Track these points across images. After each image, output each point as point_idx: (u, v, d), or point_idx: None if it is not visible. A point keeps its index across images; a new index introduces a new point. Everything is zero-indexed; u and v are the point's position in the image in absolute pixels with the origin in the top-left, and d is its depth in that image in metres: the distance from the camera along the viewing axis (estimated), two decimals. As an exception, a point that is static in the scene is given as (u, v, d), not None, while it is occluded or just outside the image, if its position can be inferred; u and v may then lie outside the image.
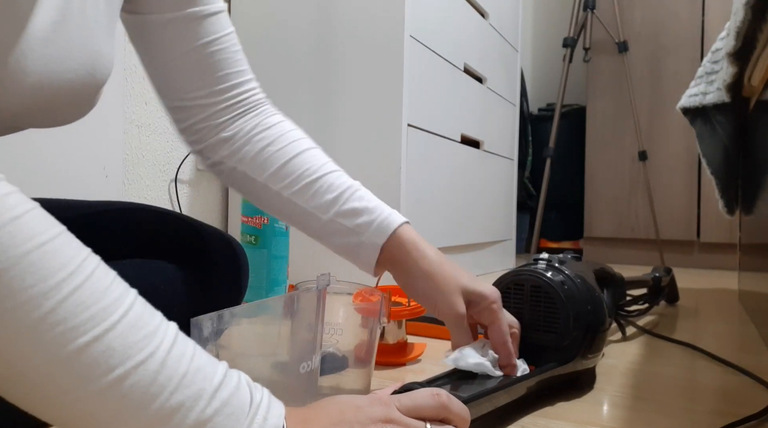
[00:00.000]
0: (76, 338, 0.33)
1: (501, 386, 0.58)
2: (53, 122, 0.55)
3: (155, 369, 0.34)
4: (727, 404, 0.69)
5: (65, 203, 0.69)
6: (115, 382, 0.33)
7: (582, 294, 0.67)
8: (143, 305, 0.37)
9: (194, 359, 0.37)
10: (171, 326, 0.37)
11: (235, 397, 0.37)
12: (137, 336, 0.34)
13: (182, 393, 0.35)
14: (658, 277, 1.26)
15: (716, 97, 1.38)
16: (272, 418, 0.38)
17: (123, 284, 0.36)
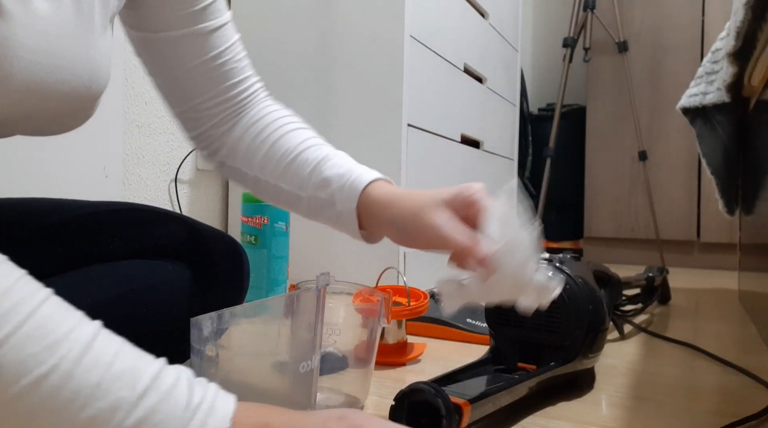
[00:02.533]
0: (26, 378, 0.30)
1: (503, 386, 0.58)
2: (48, 130, 0.54)
3: (58, 384, 0.31)
4: (727, 404, 0.69)
5: (65, 204, 0.69)
6: (9, 402, 0.30)
7: (583, 294, 0.67)
8: (51, 309, 0.33)
9: (113, 364, 0.33)
10: (88, 328, 0.34)
11: (165, 402, 0.33)
12: (35, 347, 0.31)
13: (94, 407, 0.31)
14: (652, 277, 1.26)
15: (716, 97, 1.38)
16: (213, 421, 0.34)
17: (26, 288, 0.33)
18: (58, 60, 0.48)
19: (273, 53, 1.54)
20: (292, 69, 1.52)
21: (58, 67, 0.48)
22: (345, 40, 1.45)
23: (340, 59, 1.46)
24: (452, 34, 1.66)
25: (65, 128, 0.55)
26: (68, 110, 0.52)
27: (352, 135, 1.45)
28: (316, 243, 1.47)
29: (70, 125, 0.56)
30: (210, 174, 1.64)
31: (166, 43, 0.62)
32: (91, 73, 0.52)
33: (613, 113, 2.68)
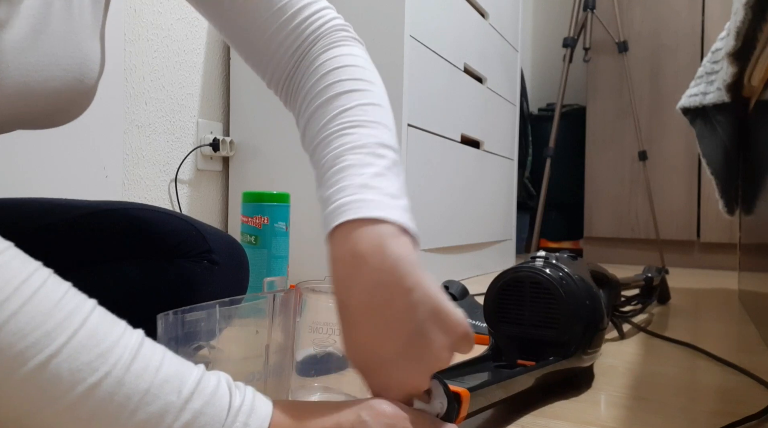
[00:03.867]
0: (18, 368, 0.31)
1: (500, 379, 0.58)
2: (45, 124, 0.54)
3: (111, 390, 0.32)
4: (727, 404, 0.69)
5: (66, 203, 0.69)
6: (66, 410, 0.32)
7: (581, 290, 0.67)
8: (100, 319, 0.34)
9: (160, 370, 0.34)
10: (134, 336, 0.35)
11: (210, 405, 0.35)
12: (89, 356, 0.32)
13: (145, 411, 0.33)
14: (650, 277, 1.26)
15: (716, 97, 1.38)
16: (255, 422, 0.36)
17: (77, 299, 0.34)
18: (46, 58, 0.47)
19: (273, 53, 1.54)
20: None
21: (47, 65, 0.47)
22: (345, 40, 1.45)
23: (340, 59, 1.46)
24: (452, 34, 1.66)
25: (63, 121, 0.55)
26: (62, 105, 0.52)
27: (352, 135, 1.45)
28: (316, 243, 1.48)
29: (68, 118, 0.55)
30: (210, 174, 1.65)
31: None
32: (81, 67, 0.51)
33: (613, 113, 2.68)
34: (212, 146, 1.59)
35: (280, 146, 1.55)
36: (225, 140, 1.60)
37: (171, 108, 1.51)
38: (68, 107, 0.53)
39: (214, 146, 1.59)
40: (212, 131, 1.62)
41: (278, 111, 1.55)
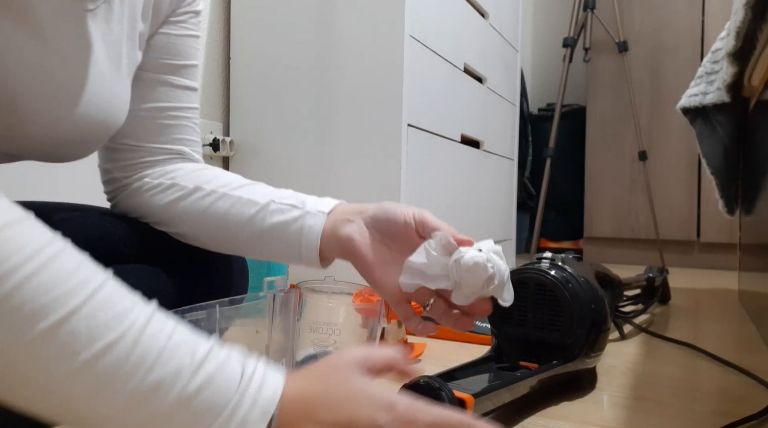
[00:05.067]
0: (35, 323, 0.32)
1: (506, 383, 0.58)
2: (66, 160, 0.60)
3: (127, 349, 0.34)
4: (727, 404, 0.69)
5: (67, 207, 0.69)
6: (83, 366, 0.33)
7: (585, 293, 0.67)
8: (115, 286, 0.36)
9: (173, 335, 0.36)
10: (147, 305, 0.37)
11: (222, 371, 0.36)
12: (106, 316, 0.34)
13: (158, 373, 0.34)
14: (652, 278, 1.26)
15: (716, 97, 1.38)
16: (267, 391, 0.36)
17: (92, 266, 0.36)
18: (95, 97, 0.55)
19: (273, 54, 1.54)
20: (292, 69, 1.52)
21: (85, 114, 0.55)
22: (345, 40, 1.45)
23: (340, 59, 1.46)
24: (452, 34, 1.66)
25: (84, 155, 0.61)
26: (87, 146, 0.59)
27: (352, 135, 1.45)
28: (316, 243, 1.47)
29: (89, 152, 0.62)
30: (210, 174, 1.64)
31: (135, 79, 0.66)
32: (114, 109, 0.59)
33: (613, 113, 2.68)
34: (212, 146, 1.59)
35: (280, 146, 1.55)
36: (225, 140, 1.60)
37: (171, 108, 1.51)
38: (92, 146, 0.60)
39: (214, 146, 1.59)
40: (212, 131, 1.62)
41: (278, 111, 1.55)
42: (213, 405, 0.35)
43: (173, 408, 0.34)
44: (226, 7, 1.61)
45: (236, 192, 0.65)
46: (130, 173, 0.69)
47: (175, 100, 0.69)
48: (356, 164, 1.44)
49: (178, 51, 0.69)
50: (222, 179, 0.68)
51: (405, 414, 0.40)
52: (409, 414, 0.40)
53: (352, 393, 0.40)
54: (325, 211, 0.63)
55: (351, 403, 0.40)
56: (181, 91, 0.70)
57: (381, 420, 0.39)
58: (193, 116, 0.72)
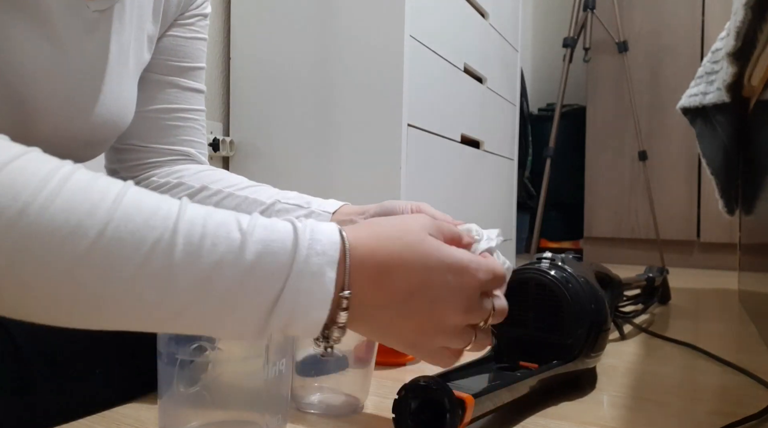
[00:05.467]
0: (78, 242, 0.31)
1: (506, 383, 0.58)
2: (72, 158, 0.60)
3: (172, 241, 0.33)
4: (727, 404, 0.69)
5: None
6: (138, 270, 0.32)
7: (586, 293, 0.67)
8: (137, 189, 0.35)
9: (212, 215, 0.35)
10: (173, 199, 0.36)
11: (274, 232, 0.36)
12: (141, 216, 0.33)
13: (213, 252, 0.33)
14: (652, 277, 1.26)
15: (716, 97, 1.38)
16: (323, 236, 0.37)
17: (107, 178, 0.35)
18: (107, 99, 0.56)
19: (273, 54, 1.54)
20: (292, 69, 1.52)
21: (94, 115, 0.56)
22: (345, 40, 1.45)
23: (340, 59, 1.46)
24: (452, 34, 1.66)
25: (88, 158, 0.62)
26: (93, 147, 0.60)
27: (352, 135, 1.45)
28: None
29: (94, 155, 0.63)
30: (210, 174, 1.64)
31: (143, 80, 0.67)
32: (120, 112, 0.59)
33: (613, 113, 2.68)
34: (212, 146, 1.59)
35: (280, 146, 1.55)
36: (225, 140, 1.60)
37: (171, 108, 1.51)
38: (101, 148, 0.61)
39: (214, 146, 1.59)
40: (212, 131, 1.62)
41: (278, 111, 1.55)
42: (275, 265, 0.35)
43: (235, 281, 0.34)
44: (226, 7, 1.61)
45: (242, 192, 0.66)
46: (137, 174, 0.70)
47: (182, 102, 0.70)
48: (356, 164, 1.44)
49: (186, 53, 0.70)
50: (228, 180, 0.68)
51: (476, 276, 0.42)
52: (479, 275, 0.42)
53: (427, 255, 0.40)
54: (330, 211, 0.63)
55: (425, 266, 0.40)
56: (189, 93, 0.70)
57: (453, 282, 0.41)
58: (199, 118, 0.72)
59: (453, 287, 0.41)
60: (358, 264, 0.38)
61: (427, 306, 0.40)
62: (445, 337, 0.43)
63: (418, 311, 0.40)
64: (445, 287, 0.41)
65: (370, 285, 0.39)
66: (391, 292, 0.39)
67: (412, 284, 0.40)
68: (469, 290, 0.42)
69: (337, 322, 0.39)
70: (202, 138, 0.73)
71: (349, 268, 0.37)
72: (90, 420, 0.54)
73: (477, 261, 0.43)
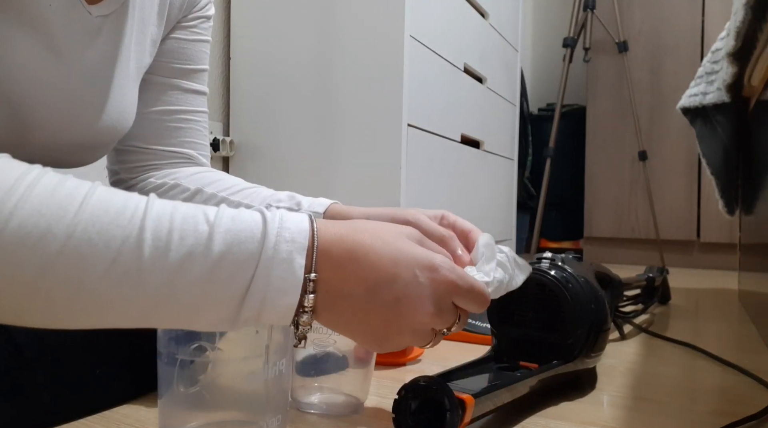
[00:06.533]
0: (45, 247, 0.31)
1: (506, 383, 0.58)
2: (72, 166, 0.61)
3: (139, 238, 0.33)
4: (727, 404, 0.69)
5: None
6: (105, 271, 0.32)
7: (586, 293, 0.67)
8: (104, 189, 0.35)
9: (178, 209, 0.35)
10: (142, 195, 0.36)
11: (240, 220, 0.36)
12: (108, 217, 0.33)
13: (180, 245, 0.34)
14: (652, 277, 1.26)
15: (716, 97, 1.38)
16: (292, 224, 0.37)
17: (75, 180, 0.35)
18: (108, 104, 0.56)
19: (273, 54, 1.54)
20: (292, 69, 1.52)
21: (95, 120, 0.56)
22: (345, 40, 1.45)
23: (340, 59, 1.46)
24: (452, 34, 1.66)
25: (89, 162, 0.62)
26: (94, 152, 0.60)
27: (352, 135, 1.45)
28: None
29: (95, 159, 0.62)
30: (210, 174, 1.64)
31: (145, 82, 0.67)
32: (120, 117, 0.59)
33: (613, 113, 2.68)
34: (212, 146, 1.59)
35: (280, 146, 1.55)
36: (225, 140, 1.60)
37: (171, 108, 1.51)
38: (102, 151, 0.61)
39: (214, 146, 1.59)
40: (212, 131, 1.62)
41: (278, 111, 1.55)
42: (245, 254, 0.35)
43: (205, 272, 0.34)
44: (226, 7, 1.61)
45: (236, 197, 0.66)
46: (137, 175, 0.70)
47: (184, 104, 0.70)
48: (356, 164, 1.44)
49: (188, 56, 0.70)
50: (223, 182, 0.68)
51: (447, 276, 0.41)
52: (450, 277, 0.41)
53: (397, 248, 0.40)
54: (320, 211, 0.64)
55: (394, 260, 0.39)
56: (191, 95, 0.71)
57: (422, 278, 0.40)
58: (201, 120, 0.72)
59: (422, 285, 0.40)
60: (325, 248, 0.38)
61: (394, 301, 0.39)
62: (409, 337, 0.42)
63: (384, 305, 0.39)
64: (414, 282, 0.40)
65: (336, 270, 0.38)
66: (358, 280, 0.39)
67: (380, 275, 0.39)
68: (439, 289, 0.41)
69: (305, 306, 0.38)
70: (204, 140, 0.73)
71: (316, 251, 0.37)
72: (90, 420, 0.54)
73: (451, 265, 0.42)
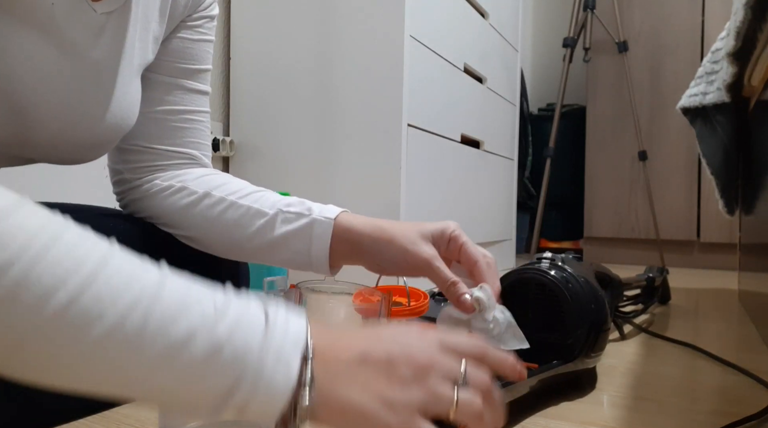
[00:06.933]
0: (49, 300, 0.31)
1: (506, 383, 0.58)
2: (76, 162, 0.61)
3: (148, 309, 0.33)
4: (727, 404, 0.69)
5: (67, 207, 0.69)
6: (107, 334, 0.32)
7: (586, 293, 0.67)
8: (123, 253, 0.35)
9: (191, 288, 0.35)
10: (159, 265, 0.36)
11: (245, 314, 0.35)
12: (120, 279, 0.33)
13: (185, 324, 0.33)
14: (652, 277, 1.26)
15: (716, 97, 1.38)
16: (294, 328, 0.36)
17: (95, 238, 0.35)
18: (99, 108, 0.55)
19: (273, 54, 1.54)
20: (292, 69, 1.52)
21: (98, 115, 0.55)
22: (345, 40, 1.45)
23: (340, 59, 1.46)
24: (452, 34, 1.66)
25: (92, 158, 0.62)
26: (98, 148, 0.60)
27: (352, 135, 1.45)
28: (316, 243, 1.47)
29: (97, 156, 0.62)
30: (210, 174, 1.64)
31: (150, 81, 0.67)
32: (124, 114, 0.59)
33: (613, 113, 2.68)
34: (212, 146, 1.59)
35: (280, 146, 1.55)
36: (225, 140, 1.60)
37: (171, 108, 1.51)
38: (105, 149, 0.61)
39: (214, 146, 1.59)
40: (212, 131, 1.62)
41: (278, 111, 1.55)
42: (245, 346, 0.34)
43: (204, 357, 0.33)
44: (226, 7, 1.61)
45: (245, 201, 0.66)
46: (141, 175, 0.70)
47: (188, 104, 0.70)
48: (356, 164, 1.44)
49: (192, 55, 0.70)
50: (230, 185, 0.68)
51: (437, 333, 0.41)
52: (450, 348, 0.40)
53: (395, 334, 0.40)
54: (332, 217, 0.64)
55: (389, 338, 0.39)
56: (195, 95, 0.70)
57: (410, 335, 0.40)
58: (204, 120, 0.72)
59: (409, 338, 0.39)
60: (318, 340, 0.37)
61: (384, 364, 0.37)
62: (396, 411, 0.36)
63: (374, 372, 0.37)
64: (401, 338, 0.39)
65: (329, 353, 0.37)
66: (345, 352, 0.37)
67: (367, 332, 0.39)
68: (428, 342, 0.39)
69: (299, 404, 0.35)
70: (207, 140, 0.73)
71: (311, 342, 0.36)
72: (90, 420, 0.55)
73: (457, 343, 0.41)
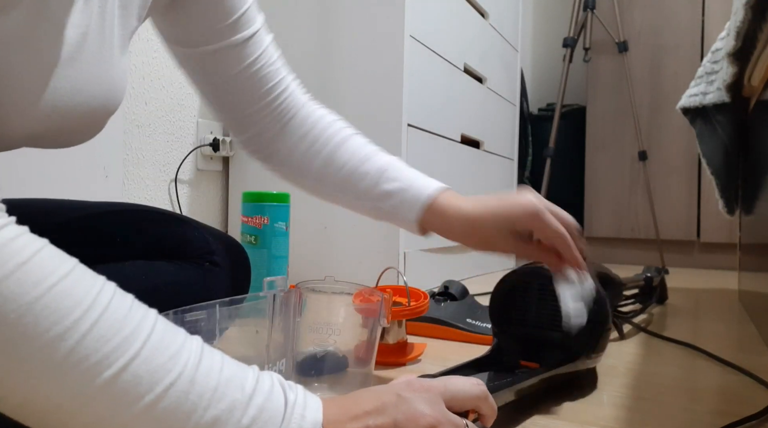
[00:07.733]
0: (100, 372, 0.33)
1: (508, 383, 0.58)
2: (62, 143, 0.57)
3: (185, 389, 0.34)
4: (727, 404, 0.69)
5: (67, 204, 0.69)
6: (146, 408, 0.33)
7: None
8: (165, 326, 0.37)
9: (223, 370, 0.37)
10: (195, 341, 0.37)
11: (269, 401, 0.37)
12: (162, 358, 0.34)
13: (216, 408, 0.35)
14: (650, 277, 1.26)
15: (716, 97, 1.38)
16: (310, 414, 0.38)
17: (142, 308, 0.36)
18: (78, 84, 0.50)
19: (273, 53, 1.54)
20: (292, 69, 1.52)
21: (78, 90, 0.50)
22: (345, 40, 1.45)
23: (340, 59, 1.46)
24: (452, 34, 1.66)
25: (76, 142, 0.58)
26: (82, 127, 0.55)
27: (352, 135, 1.45)
28: (316, 243, 1.48)
29: (82, 139, 0.59)
30: (210, 174, 1.64)
31: (203, 56, 0.66)
32: (107, 94, 0.54)
33: (613, 113, 2.68)
34: (212, 146, 1.59)
35: (280, 146, 1.55)
36: (225, 140, 1.61)
37: (171, 108, 1.51)
38: (89, 127, 0.57)
39: (214, 146, 1.59)
40: (212, 131, 1.62)
41: (278, 111, 1.55)
42: None
43: None
44: (226, 7, 1.61)
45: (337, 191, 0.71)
46: (271, 133, 0.72)
47: (255, 52, 0.68)
48: (356, 164, 1.44)
49: (224, 8, 0.66)
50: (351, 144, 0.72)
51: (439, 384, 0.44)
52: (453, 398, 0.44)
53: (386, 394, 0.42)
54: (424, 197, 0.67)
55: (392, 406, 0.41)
56: (251, 41, 0.68)
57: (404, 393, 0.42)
58: (272, 54, 0.71)
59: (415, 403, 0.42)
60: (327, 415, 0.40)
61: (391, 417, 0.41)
62: None
63: None
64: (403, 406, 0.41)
65: None
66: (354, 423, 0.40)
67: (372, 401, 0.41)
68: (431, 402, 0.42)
69: None
70: (287, 71, 0.74)
71: None
72: None
73: None
